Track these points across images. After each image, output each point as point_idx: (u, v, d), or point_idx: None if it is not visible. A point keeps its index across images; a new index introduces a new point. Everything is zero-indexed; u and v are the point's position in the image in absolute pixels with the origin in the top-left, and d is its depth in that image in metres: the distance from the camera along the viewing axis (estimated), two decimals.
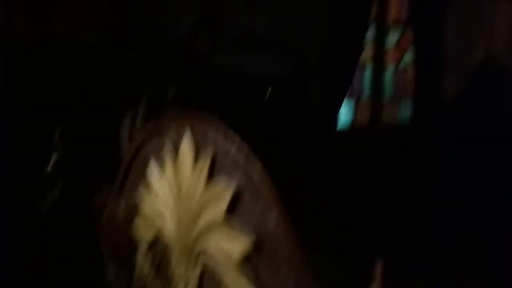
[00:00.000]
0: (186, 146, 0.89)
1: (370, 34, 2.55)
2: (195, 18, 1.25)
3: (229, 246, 0.81)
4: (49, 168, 1.36)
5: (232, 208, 0.82)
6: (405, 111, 2.96)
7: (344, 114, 2.58)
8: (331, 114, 2.25)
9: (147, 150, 1.04)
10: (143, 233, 1.02)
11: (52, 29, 1.36)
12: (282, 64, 2.06)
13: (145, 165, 1.02)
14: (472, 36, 3.33)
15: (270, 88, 2.02)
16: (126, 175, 1.08)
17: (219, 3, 1.85)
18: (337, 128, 2.39)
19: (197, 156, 0.87)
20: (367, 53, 2.59)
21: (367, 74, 2.67)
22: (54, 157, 1.37)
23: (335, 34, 2.19)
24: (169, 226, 0.93)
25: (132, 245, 1.03)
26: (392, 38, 2.77)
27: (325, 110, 2.20)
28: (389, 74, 2.81)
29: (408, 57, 2.84)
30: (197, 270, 0.87)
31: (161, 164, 0.96)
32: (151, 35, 1.37)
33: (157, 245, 0.98)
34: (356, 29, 2.29)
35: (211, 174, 0.85)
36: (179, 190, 0.90)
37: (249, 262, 0.80)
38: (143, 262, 1.01)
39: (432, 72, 2.80)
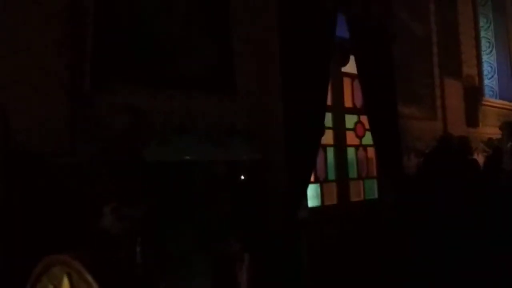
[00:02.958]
0: None
1: (328, 120, 2.71)
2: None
3: None
4: None
5: None
6: (370, 188, 3.09)
7: (312, 197, 2.68)
8: (296, 193, 2.35)
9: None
10: None
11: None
12: (249, 150, 2.20)
13: None
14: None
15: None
16: None
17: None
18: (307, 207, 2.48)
19: None
20: (328, 137, 2.74)
21: (330, 156, 2.80)
22: None
23: (293, 121, 2.36)
24: None
25: None
26: (349, 123, 2.97)
27: (291, 190, 2.30)
28: (351, 155, 2.96)
29: (366, 139, 3.03)
30: None
31: None
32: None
33: None
34: (313, 114, 2.47)
35: None
36: None
37: None
38: None
39: (391, 151, 2.97)
